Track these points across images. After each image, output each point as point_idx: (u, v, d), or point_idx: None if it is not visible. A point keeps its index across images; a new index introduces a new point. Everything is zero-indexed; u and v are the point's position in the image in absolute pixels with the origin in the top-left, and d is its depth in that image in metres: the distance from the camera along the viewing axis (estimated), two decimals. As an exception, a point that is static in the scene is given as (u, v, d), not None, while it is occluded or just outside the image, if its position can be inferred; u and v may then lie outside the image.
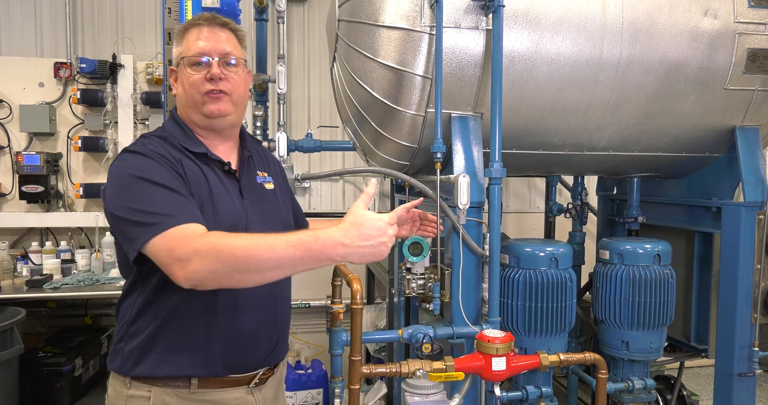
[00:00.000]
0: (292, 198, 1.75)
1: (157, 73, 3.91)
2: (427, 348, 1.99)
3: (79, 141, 3.84)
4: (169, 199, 1.26)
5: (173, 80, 1.50)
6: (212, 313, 1.39)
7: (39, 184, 3.77)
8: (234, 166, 1.51)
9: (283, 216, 1.60)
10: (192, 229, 1.22)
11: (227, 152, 1.51)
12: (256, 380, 1.48)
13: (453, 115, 2.18)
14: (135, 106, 3.89)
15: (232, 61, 1.44)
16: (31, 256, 3.68)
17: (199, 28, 1.44)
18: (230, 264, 1.16)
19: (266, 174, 1.60)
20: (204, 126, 1.47)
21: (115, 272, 3.54)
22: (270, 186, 1.58)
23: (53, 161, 3.87)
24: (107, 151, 3.89)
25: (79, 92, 3.82)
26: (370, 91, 2.15)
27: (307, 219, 1.85)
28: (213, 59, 1.41)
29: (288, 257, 1.17)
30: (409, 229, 1.93)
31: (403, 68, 2.08)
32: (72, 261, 3.69)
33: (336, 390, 1.97)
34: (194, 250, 1.17)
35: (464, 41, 2.10)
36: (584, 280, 3.27)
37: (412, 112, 2.14)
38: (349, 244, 1.17)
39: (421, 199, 1.95)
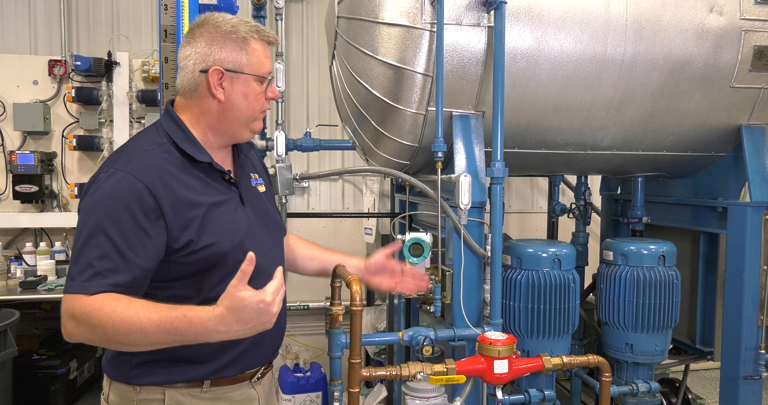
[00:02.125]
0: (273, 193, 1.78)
1: (153, 71, 3.91)
2: (427, 350, 1.99)
3: (74, 140, 3.84)
4: (107, 257, 1.25)
5: (217, 82, 1.38)
6: None
7: (33, 184, 3.77)
8: (232, 172, 1.52)
9: (276, 218, 1.64)
10: (93, 299, 1.22)
11: (225, 158, 1.52)
12: (258, 375, 1.53)
13: (454, 113, 2.18)
14: (131, 104, 3.89)
15: None
16: (25, 256, 3.68)
17: (265, 45, 1.44)
18: (102, 337, 1.22)
19: (257, 175, 1.62)
20: (239, 139, 1.49)
21: (110, 273, 3.54)
22: (262, 188, 1.61)
23: (47, 160, 3.87)
24: (103, 150, 3.89)
25: (73, 90, 3.82)
26: (370, 89, 2.15)
27: (307, 219, 1.87)
28: (270, 77, 1.45)
29: (159, 341, 1.21)
30: (388, 283, 1.84)
31: (403, 66, 2.08)
32: (67, 262, 3.69)
33: (335, 393, 1.97)
34: (74, 315, 1.22)
35: (465, 38, 2.10)
36: (588, 281, 3.27)
37: (413, 111, 2.14)
38: (226, 331, 1.18)
39: (399, 244, 1.93)
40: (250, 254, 1.17)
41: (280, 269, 1.25)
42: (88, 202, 1.29)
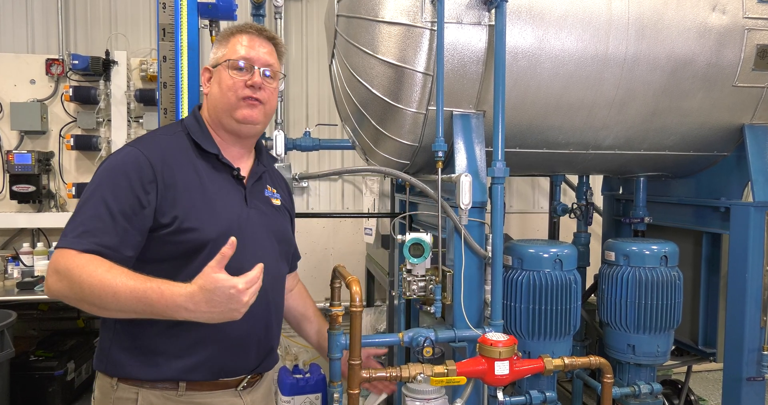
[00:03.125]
0: (293, 228, 1.79)
1: (151, 70, 3.91)
2: (428, 351, 1.99)
3: (72, 139, 3.84)
4: (99, 218, 1.33)
5: (206, 79, 1.56)
6: None
7: (30, 184, 3.77)
8: (245, 174, 1.55)
9: (285, 233, 1.65)
10: (79, 257, 1.28)
11: (240, 160, 1.57)
12: (243, 384, 1.50)
13: (455, 112, 2.18)
14: (129, 103, 3.89)
15: (270, 73, 1.53)
16: (22, 257, 3.68)
17: (249, 36, 1.52)
18: (78, 296, 1.26)
19: (275, 190, 1.66)
20: (231, 130, 1.53)
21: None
22: (277, 202, 1.64)
23: (45, 160, 3.88)
24: (100, 150, 3.90)
25: (71, 89, 3.82)
26: (370, 88, 2.15)
27: (306, 219, 1.89)
28: (255, 68, 1.49)
29: (129, 308, 1.24)
30: (381, 388, 1.94)
31: (403, 65, 2.08)
32: (64, 262, 3.69)
33: (335, 395, 1.97)
34: (58, 269, 1.28)
35: (466, 37, 2.10)
36: (589, 281, 3.27)
37: (413, 110, 2.14)
38: (194, 310, 1.20)
39: (385, 350, 2.01)
40: (232, 239, 1.21)
41: (260, 265, 1.27)
42: (96, 172, 1.42)
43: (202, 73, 1.58)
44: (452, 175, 2.08)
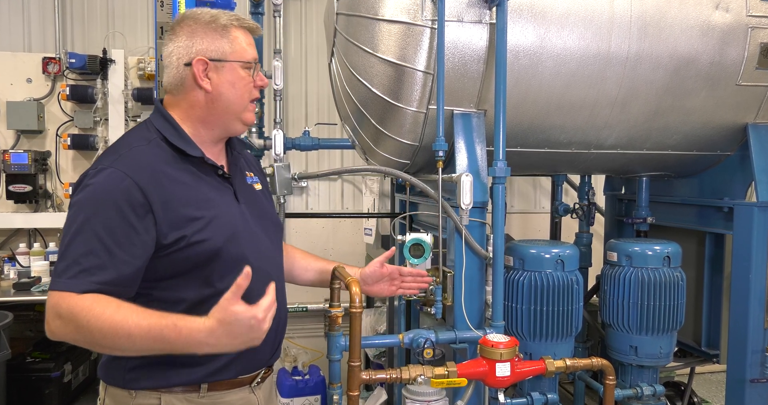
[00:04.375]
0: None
1: (149, 69, 3.91)
2: (428, 353, 1.99)
3: (69, 139, 3.84)
4: (93, 254, 1.26)
5: (203, 73, 1.39)
6: None
7: (27, 184, 3.77)
8: (225, 170, 1.51)
9: (274, 217, 1.64)
10: (82, 299, 1.22)
11: (218, 155, 1.52)
12: (258, 379, 1.52)
13: (455, 112, 2.18)
14: (126, 102, 3.89)
15: None
16: (18, 257, 3.68)
17: (246, 33, 1.46)
18: (87, 339, 1.22)
19: (252, 174, 1.62)
20: (231, 132, 1.49)
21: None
22: (258, 187, 1.61)
23: (41, 160, 3.88)
24: (98, 149, 3.90)
25: (68, 88, 3.82)
26: (370, 87, 2.15)
27: (305, 219, 1.88)
28: (261, 68, 1.47)
29: (146, 348, 1.21)
30: (388, 289, 1.87)
31: (403, 63, 2.08)
32: (61, 263, 3.69)
33: (334, 396, 1.97)
34: (61, 314, 1.22)
35: (467, 35, 2.10)
36: (591, 282, 3.27)
37: (413, 109, 2.15)
38: (215, 344, 1.19)
39: (393, 249, 1.94)
40: (247, 269, 1.18)
41: (272, 286, 1.25)
42: (77, 200, 1.31)
43: (195, 64, 1.39)
44: (453, 174, 2.09)
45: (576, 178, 3.49)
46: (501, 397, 2.01)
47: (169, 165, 1.37)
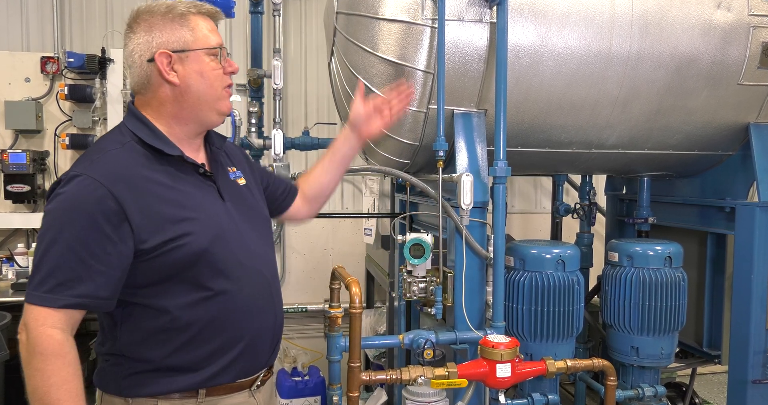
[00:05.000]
0: (264, 173, 1.72)
1: (148, 68, 3.91)
2: (428, 354, 1.99)
3: (67, 138, 3.84)
4: (68, 266, 1.24)
5: (167, 66, 1.35)
6: (218, 325, 1.38)
7: (25, 184, 3.77)
8: (206, 167, 1.47)
9: (262, 211, 1.60)
10: (53, 336, 1.24)
11: (197, 152, 1.48)
12: (258, 382, 1.50)
13: (456, 111, 2.18)
14: (125, 102, 3.88)
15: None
16: (16, 258, 3.68)
17: (205, 19, 1.41)
18: (26, 372, 1.25)
19: (235, 168, 1.57)
20: (207, 124, 1.45)
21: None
22: (242, 181, 1.56)
23: (40, 159, 3.87)
24: (96, 149, 3.89)
25: (66, 88, 3.81)
26: (370, 86, 2.15)
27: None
28: (228, 53, 1.41)
29: None
30: (381, 122, 1.77)
31: (403, 63, 2.08)
32: (59, 263, 3.69)
33: (334, 397, 1.97)
34: (28, 331, 1.24)
35: (467, 35, 2.10)
36: (592, 283, 3.27)
37: (413, 109, 2.15)
38: None
39: (361, 84, 1.87)
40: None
41: None
42: (50, 208, 1.27)
43: (158, 58, 1.34)
44: (453, 174, 2.09)
45: (577, 178, 3.49)
46: (502, 398, 2.01)
47: (145, 167, 1.33)
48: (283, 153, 2.77)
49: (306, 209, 1.83)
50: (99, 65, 3.81)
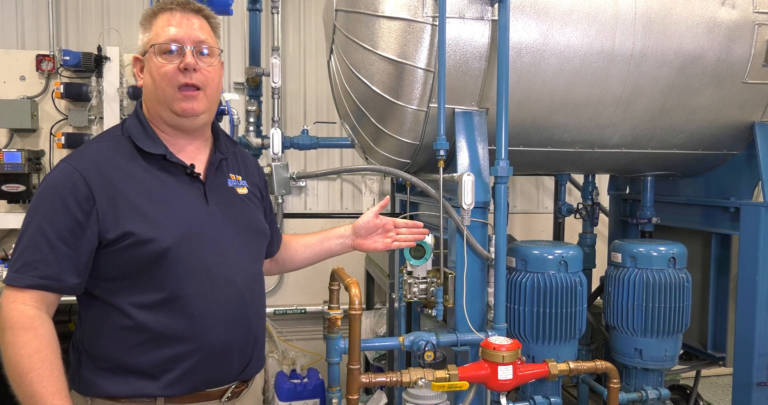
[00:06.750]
0: (269, 208, 1.71)
1: (144, 66, 3.90)
2: (429, 356, 1.99)
3: (63, 138, 3.83)
4: (37, 248, 1.30)
5: (138, 70, 1.46)
6: (178, 330, 1.36)
7: (20, 183, 3.76)
8: (202, 168, 1.47)
9: (257, 224, 1.57)
10: (25, 310, 1.28)
11: (195, 152, 1.48)
12: (228, 394, 1.46)
13: (457, 110, 2.18)
14: (121, 100, 3.88)
15: (207, 51, 1.41)
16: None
17: (170, 13, 1.40)
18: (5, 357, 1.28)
19: (240, 177, 1.56)
20: (173, 124, 1.44)
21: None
22: (243, 191, 1.55)
23: (35, 159, 3.87)
24: (92, 149, 3.89)
25: (62, 86, 3.81)
26: (370, 85, 2.15)
27: (304, 219, 1.85)
28: (187, 48, 1.38)
29: (21, 401, 1.28)
30: (383, 242, 1.82)
31: (404, 61, 2.08)
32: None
33: (333, 400, 1.97)
34: (1, 314, 1.28)
35: (469, 32, 2.10)
36: (595, 284, 3.27)
37: (414, 107, 2.15)
38: None
39: (387, 198, 1.92)
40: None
41: None
42: (34, 195, 1.37)
43: (133, 63, 1.46)
44: (454, 174, 2.08)
45: (580, 178, 3.49)
46: (503, 400, 2.01)
47: (126, 161, 1.38)
48: (282, 152, 2.78)
49: (272, 267, 1.84)
50: (95, 63, 3.80)
